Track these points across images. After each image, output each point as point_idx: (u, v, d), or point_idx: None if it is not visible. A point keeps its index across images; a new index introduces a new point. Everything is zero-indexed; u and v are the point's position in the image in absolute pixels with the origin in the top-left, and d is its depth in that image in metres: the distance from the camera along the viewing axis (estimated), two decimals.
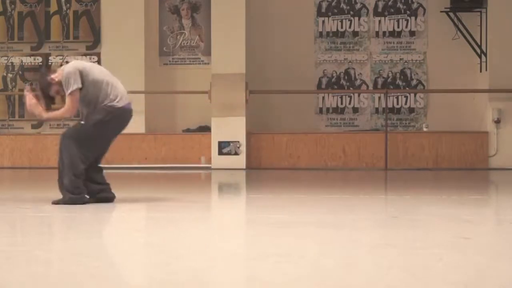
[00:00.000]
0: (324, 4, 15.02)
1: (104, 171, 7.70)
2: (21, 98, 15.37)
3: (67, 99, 7.19)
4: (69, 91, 7.14)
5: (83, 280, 3.98)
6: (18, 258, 4.67)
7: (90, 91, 7.23)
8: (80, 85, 7.16)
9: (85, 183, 7.38)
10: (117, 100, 7.27)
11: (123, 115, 7.36)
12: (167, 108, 14.98)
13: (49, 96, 7.33)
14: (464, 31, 14.29)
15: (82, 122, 7.40)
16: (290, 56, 14.83)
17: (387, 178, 12.38)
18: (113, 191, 7.58)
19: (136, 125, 14.29)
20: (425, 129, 14.43)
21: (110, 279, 4.07)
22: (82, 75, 7.21)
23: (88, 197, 7.41)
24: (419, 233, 5.90)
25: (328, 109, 14.99)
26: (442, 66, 14.71)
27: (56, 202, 7.32)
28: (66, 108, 7.23)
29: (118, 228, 6.47)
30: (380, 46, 14.91)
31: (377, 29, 14.92)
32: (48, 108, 7.36)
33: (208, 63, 14.69)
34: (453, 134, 13.93)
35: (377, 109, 14.89)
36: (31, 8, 15.36)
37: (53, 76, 7.28)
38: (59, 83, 7.23)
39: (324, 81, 15.00)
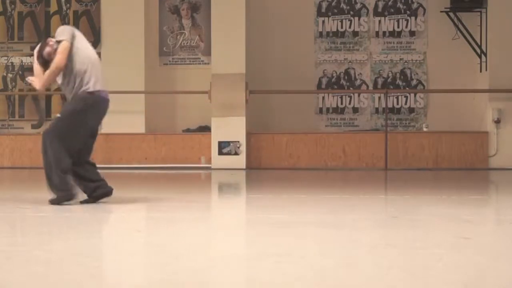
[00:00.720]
0: (324, 4, 15.02)
1: (98, 169, 7.70)
2: (21, 98, 15.40)
3: (58, 48, 7.20)
4: (58, 39, 7.19)
5: (83, 280, 3.98)
6: (18, 258, 4.67)
7: (71, 58, 7.22)
8: (70, 40, 7.17)
9: (81, 183, 7.39)
10: (92, 82, 7.21)
11: (99, 104, 7.27)
12: (167, 108, 14.98)
13: (44, 59, 7.33)
14: (464, 31, 14.29)
15: (59, 115, 7.44)
16: (290, 56, 14.83)
17: (387, 178, 12.38)
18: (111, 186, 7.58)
19: (136, 125, 14.40)
20: (425, 129, 14.43)
21: (110, 279, 4.08)
22: (74, 37, 7.23)
23: (76, 192, 7.38)
24: (419, 233, 5.90)
25: (328, 109, 14.99)
26: (442, 66, 14.70)
27: (51, 201, 7.37)
28: (55, 60, 7.20)
29: (118, 228, 6.47)
30: (380, 46, 14.91)
31: (377, 29, 14.92)
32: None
33: (208, 63, 14.69)
34: (453, 134, 13.93)
35: (377, 109, 14.90)
36: (31, 8, 15.36)
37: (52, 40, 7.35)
38: (53, 46, 7.28)
39: (324, 81, 15.00)
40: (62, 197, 7.29)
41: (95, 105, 7.27)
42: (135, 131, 14.37)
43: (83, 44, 7.35)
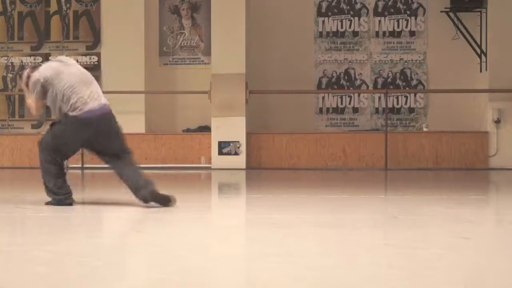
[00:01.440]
0: (324, 4, 15.02)
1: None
2: (21, 98, 15.40)
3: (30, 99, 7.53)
4: (32, 96, 7.44)
5: (83, 280, 3.98)
6: (18, 258, 4.67)
7: (52, 98, 7.37)
8: (38, 96, 7.39)
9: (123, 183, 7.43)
10: (71, 109, 7.27)
11: (79, 124, 7.24)
12: (167, 108, 14.98)
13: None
14: (464, 31, 14.30)
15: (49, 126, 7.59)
16: (290, 56, 14.83)
17: (387, 178, 12.38)
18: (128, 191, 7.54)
19: (136, 125, 14.39)
20: (425, 129, 14.43)
21: (110, 279, 4.07)
22: (45, 84, 7.36)
23: (71, 201, 7.39)
24: (419, 233, 5.90)
25: (328, 109, 14.99)
26: (442, 66, 14.71)
27: (47, 204, 7.41)
28: (31, 108, 7.57)
29: (118, 228, 6.47)
30: (380, 46, 14.91)
31: (377, 29, 14.93)
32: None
33: (208, 63, 14.70)
34: (453, 134, 13.93)
35: (377, 109, 14.90)
36: (31, 8, 15.36)
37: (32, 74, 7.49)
38: (24, 79, 7.60)
39: (324, 81, 15.00)
40: (55, 201, 7.32)
41: (74, 126, 7.26)
42: (135, 131, 14.36)
43: (55, 84, 7.35)
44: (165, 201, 7.24)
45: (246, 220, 7.06)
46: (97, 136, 7.34)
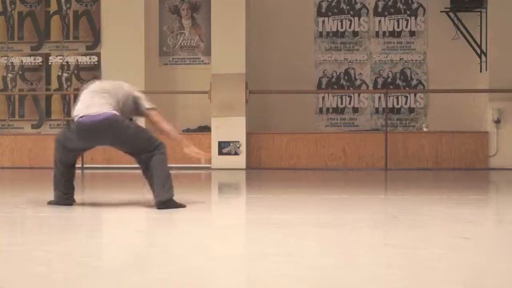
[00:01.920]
0: (324, 4, 15.03)
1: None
2: (21, 98, 15.40)
3: None
4: None
5: (83, 280, 3.98)
6: (18, 258, 4.67)
7: None
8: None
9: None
10: (75, 113, 7.47)
11: (75, 128, 7.42)
12: (167, 108, 14.96)
13: None
14: (464, 31, 14.30)
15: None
16: (290, 56, 14.83)
17: (387, 178, 12.38)
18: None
19: None
20: (425, 129, 14.44)
21: (110, 279, 4.07)
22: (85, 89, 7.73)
23: (71, 202, 7.42)
24: (419, 233, 5.90)
25: (328, 109, 14.99)
26: (442, 66, 14.71)
27: (49, 203, 7.44)
28: None
29: (118, 228, 6.47)
30: (380, 46, 14.91)
31: (377, 29, 14.93)
32: None
33: (208, 63, 14.70)
34: (453, 134, 13.94)
35: (377, 109, 14.90)
36: (31, 8, 15.37)
37: None
38: None
39: (324, 81, 15.00)
40: (56, 199, 7.37)
41: (73, 130, 7.42)
42: None
43: (88, 87, 7.68)
44: (177, 207, 7.32)
45: (246, 220, 7.06)
46: (102, 140, 7.50)
